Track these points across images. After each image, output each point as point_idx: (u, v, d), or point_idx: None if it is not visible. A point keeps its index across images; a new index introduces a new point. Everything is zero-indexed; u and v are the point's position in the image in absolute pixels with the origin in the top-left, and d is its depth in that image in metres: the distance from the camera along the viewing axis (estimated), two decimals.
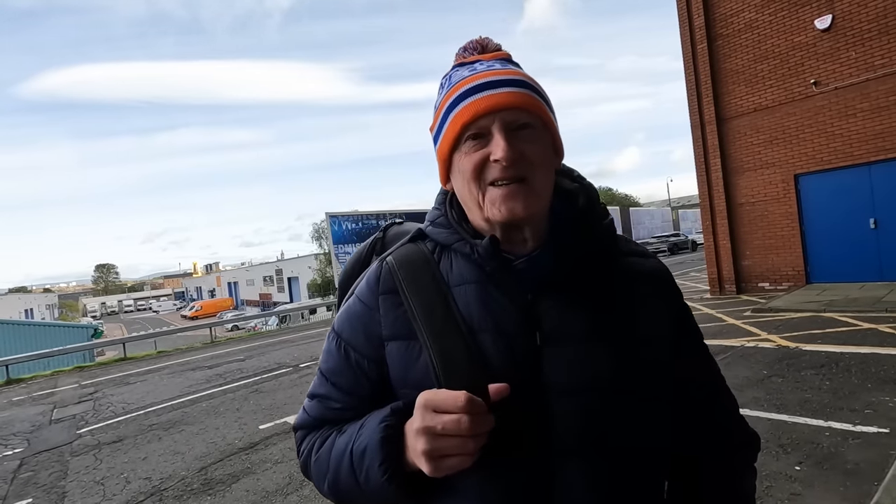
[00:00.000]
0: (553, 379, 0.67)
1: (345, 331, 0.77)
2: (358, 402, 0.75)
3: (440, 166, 0.75)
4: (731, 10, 10.70)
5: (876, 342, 5.78)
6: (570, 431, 0.66)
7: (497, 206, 0.67)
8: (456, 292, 0.72)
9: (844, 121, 9.29)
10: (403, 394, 0.70)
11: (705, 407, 0.79)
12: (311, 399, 0.80)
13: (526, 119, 0.68)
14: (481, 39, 0.77)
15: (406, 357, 0.71)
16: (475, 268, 0.72)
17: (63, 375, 12.18)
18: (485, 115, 0.67)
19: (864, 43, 8.94)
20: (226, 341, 16.19)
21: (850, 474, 3.06)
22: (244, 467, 4.47)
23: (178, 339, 20.68)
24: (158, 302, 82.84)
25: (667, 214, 51.40)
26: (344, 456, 0.70)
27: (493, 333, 0.68)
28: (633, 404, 0.68)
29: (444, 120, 0.71)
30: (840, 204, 9.53)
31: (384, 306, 0.74)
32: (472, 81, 0.69)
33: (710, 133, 11.06)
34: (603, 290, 0.72)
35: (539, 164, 0.68)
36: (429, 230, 0.79)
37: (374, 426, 0.67)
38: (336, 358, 0.77)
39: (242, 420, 6.02)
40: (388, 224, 0.98)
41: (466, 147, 0.69)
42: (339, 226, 20.99)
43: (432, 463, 0.60)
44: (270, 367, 9.60)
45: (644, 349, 0.71)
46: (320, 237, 35.61)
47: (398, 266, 0.75)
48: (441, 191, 0.81)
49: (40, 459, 5.50)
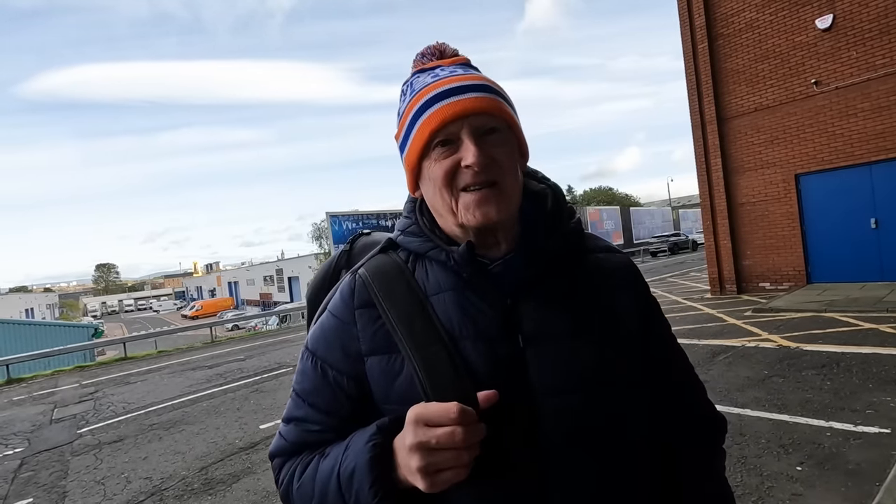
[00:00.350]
0: (539, 379, 0.67)
1: (320, 348, 0.75)
2: (338, 423, 0.72)
3: (408, 174, 0.74)
4: (731, 10, 10.68)
5: (877, 342, 5.77)
6: (560, 430, 0.66)
7: (471, 211, 0.67)
8: (434, 301, 0.71)
9: (845, 120, 9.28)
10: (387, 409, 0.69)
11: (676, 394, 0.81)
12: (288, 423, 0.76)
13: (493, 123, 0.68)
14: (438, 45, 0.77)
15: (388, 371, 0.69)
16: (451, 275, 0.72)
17: (63, 375, 12.19)
18: (453, 120, 0.66)
19: (865, 42, 8.93)
20: (226, 341, 16.19)
21: (852, 475, 3.06)
22: (245, 467, 4.47)
23: (178, 338, 20.69)
24: (159, 301, 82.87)
25: (667, 214, 51.37)
26: (330, 480, 0.67)
27: (474, 340, 0.68)
28: (617, 395, 0.70)
29: (411, 127, 0.70)
30: (841, 204, 9.52)
31: (361, 320, 0.72)
32: (438, 87, 0.68)
33: (710, 133, 11.05)
34: (577, 288, 0.73)
35: (508, 168, 0.69)
36: (400, 239, 0.77)
37: (360, 446, 0.65)
38: (312, 378, 0.74)
39: (243, 420, 6.02)
40: (356, 235, 0.96)
41: (436, 154, 0.68)
42: (339, 225, 21.00)
43: (428, 479, 0.59)
44: (271, 366, 9.61)
45: (620, 340, 0.72)
46: (320, 237, 35.63)
47: (372, 278, 0.74)
48: (409, 199, 0.80)
49: (41, 459, 5.50)
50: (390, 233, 0.84)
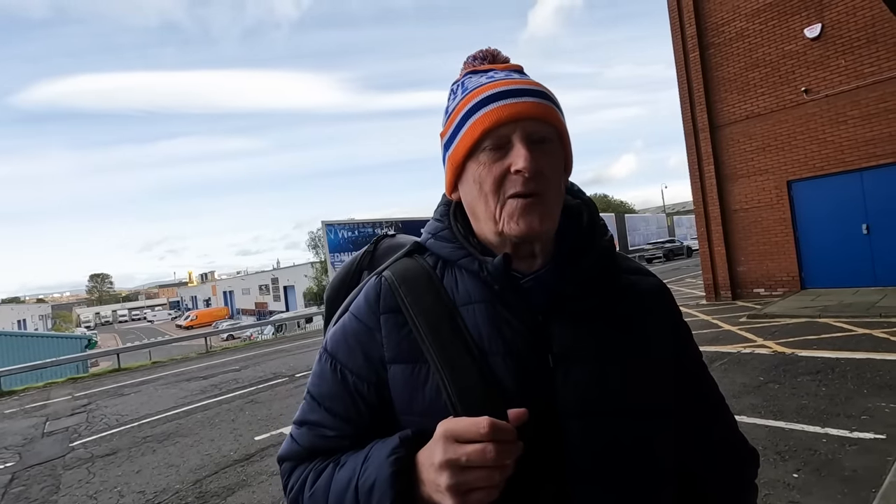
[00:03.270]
0: (567, 401, 0.65)
1: (340, 352, 0.71)
2: (354, 430, 0.69)
3: (450, 174, 0.72)
4: (722, 20, 10.84)
5: (871, 347, 5.80)
6: (587, 453, 0.64)
7: (515, 219, 0.65)
8: (463, 312, 0.68)
9: (835, 128, 9.40)
10: (407, 420, 0.66)
11: (706, 424, 0.78)
12: (300, 426, 0.73)
13: (546, 132, 0.67)
14: (491, 50, 0.76)
15: (412, 381, 0.66)
16: (483, 286, 0.69)
17: (56, 387, 12.05)
18: (507, 123, 0.64)
19: (854, 51, 9.08)
20: (221, 351, 16.08)
21: (848, 481, 3.06)
22: (239, 480, 4.42)
23: (172, 349, 20.52)
24: (153, 311, 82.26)
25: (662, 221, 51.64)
26: (347, 492, 0.63)
27: (504, 356, 0.65)
28: (646, 422, 0.67)
29: (462, 125, 0.68)
30: (833, 210, 9.61)
31: (386, 326, 0.69)
32: (494, 88, 0.66)
33: (703, 140, 11.15)
34: (609, 309, 0.71)
35: (554, 181, 0.67)
36: (430, 243, 0.74)
37: (381, 459, 0.61)
38: (330, 382, 0.71)
39: (238, 431, 5.97)
40: (380, 237, 0.94)
41: (484, 157, 0.66)
42: (335, 234, 20.98)
43: (458, 498, 0.55)
44: (266, 376, 9.54)
45: (652, 366, 0.70)
46: (316, 245, 35.58)
47: (399, 282, 0.71)
48: (443, 202, 0.77)
49: (32, 473, 5.42)
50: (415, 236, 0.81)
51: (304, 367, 10.10)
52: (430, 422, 0.60)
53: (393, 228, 22.62)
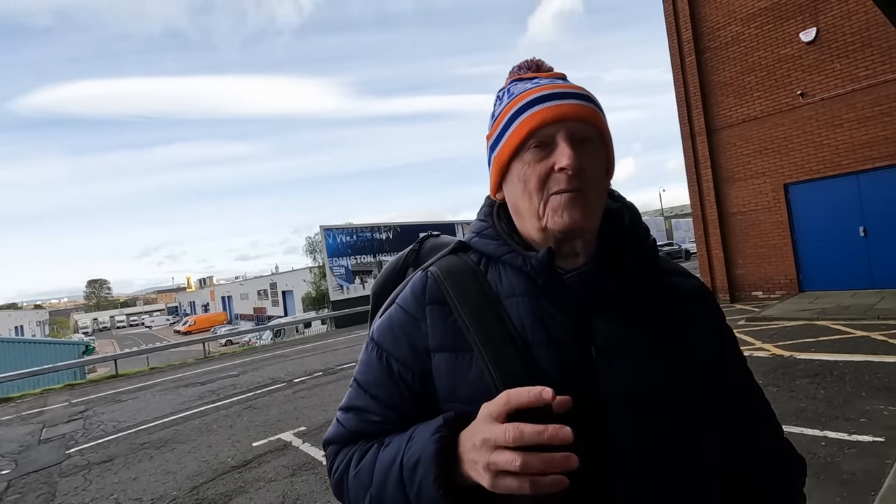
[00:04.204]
0: (610, 393, 0.66)
1: (386, 341, 0.75)
2: (398, 416, 0.72)
3: (495, 174, 0.75)
4: (717, 24, 10.91)
5: (869, 350, 5.81)
6: (628, 445, 0.65)
7: (559, 213, 0.67)
8: (507, 304, 0.71)
9: (831, 131, 9.45)
10: (450, 407, 0.68)
11: (752, 429, 0.78)
12: (347, 412, 0.77)
13: (589, 133, 0.69)
14: (535, 60, 0.79)
15: (455, 369, 0.69)
16: (526, 280, 0.71)
17: (53, 393, 11.99)
18: (552, 123, 0.67)
19: (849, 55, 9.13)
20: (219, 356, 16.02)
21: (847, 484, 3.06)
22: (237, 486, 4.39)
23: (170, 354, 20.44)
24: (151, 317, 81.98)
25: (660, 224, 51.77)
26: (391, 469, 0.66)
27: (547, 346, 0.67)
28: (688, 421, 0.68)
29: (508, 127, 0.71)
30: (830, 212, 9.64)
31: (431, 316, 0.72)
32: (540, 91, 0.69)
33: (700, 144, 11.20)
34: (653, 308, 0.72)
35: (596, 180, 0.69)
36: (474, 242, 0.78)
37: (426, 438, 0.64)
38: (376, 369, 0.74)
39: (235, 437, 5.94)
40: (425, 236, 0.97)
41: (529, 156, 0.69)
42: (333, 238, 21.02)
43: (492, 478, 0.57)
44: (264, 382, 9.50)
45: (694, 366, 0.70)
46: (314, 250, 35.49)
47: (444, 276, 0.74)
48: (486, 203, 0.81)
49: (28, 481, 5.38)
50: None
51: (302, 372, 10.06)
52: (473, 408, 0.62)
53: (391, 233, 22.64)
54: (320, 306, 30.68)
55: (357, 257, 21.24)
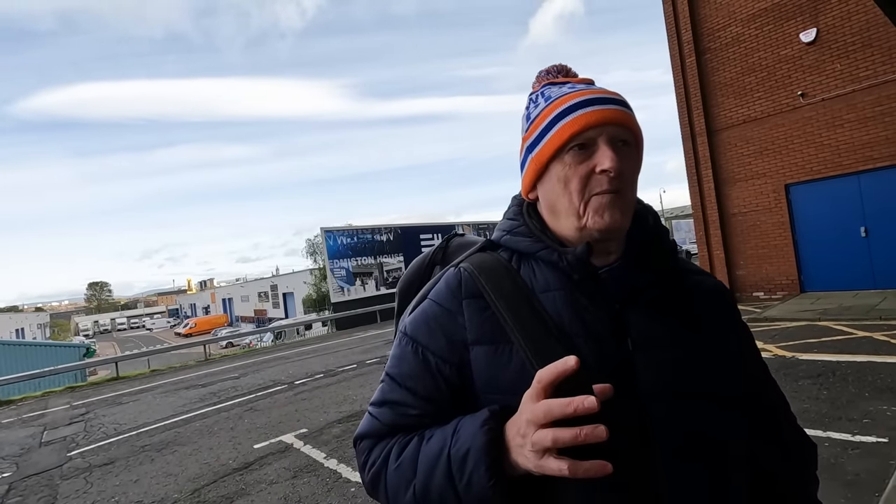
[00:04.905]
0: (649, 383, 0.68)
1: (421, 335, 0.76)
2: (435, 409, 0.73)
3: (532, 174, 0.76)
4: (717, 25, 10.91)
5: (871, 350, 5.79)
6: (670, 434, 0.67)
7: (600, 213, 0.69)
8: (543, 298, 0.72)
9: (832, 131, 9.44)
10: (490, 399, 0.69)
11: (770, 418, 0.82)
12: (381, 406, 0.77)
13: (627, 137, 0.71)
14: (562, 65, 0.82)
15: (495, 361, 0.70)
16: (562, 275, 0.73)
17: (54, 396, 11.98)
18: (594, 127, 0.69)
19: (849, 55, 9.13)
20: (220, 358, 16.00)
21: (851, 485, 3.05)
22: (238, 488, 4.38)
23: (171, 356, 20.43)
24: (152, 319, 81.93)
25: None
26: (439, 461, 0.66)
27: (585, 338, 0.69)
28: (720, 410, 0.71)
29: (549, 129, 0.72)
30: (831, 213, 9.63)
31: (469, 310, 0.73)
32: (581, 96, 0.72)
33: (701, 144, 11.20)
34: (680, 303, 0.75)
35: (632, 182, 0.73)
36: (505, 240, 0.80)
37: (474, 429, 0.64)
38: (412, 363, 0.75)
39: (237, 439, 5.93)
40: (451, 235, 1.00)
41: (569, 157, 0.71)
42: (334, 240, 21.00)
43: (536, 457, 0.58)
44: (265, 384, 9.49)
45: (721, 358, 0.74)
46: (314, 252, 35.46)
47: (479, 271, 0.76)
48: (515, 203, 0.83)
49: (29, 484, 5.37)
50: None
51: (303, 374, 10.05)
52: (515, 399, 0.63)
53: (392, 234, 22.64)
54: (321, 308, 30.67)
55: (358, 259, 21.22)
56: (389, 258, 21.93)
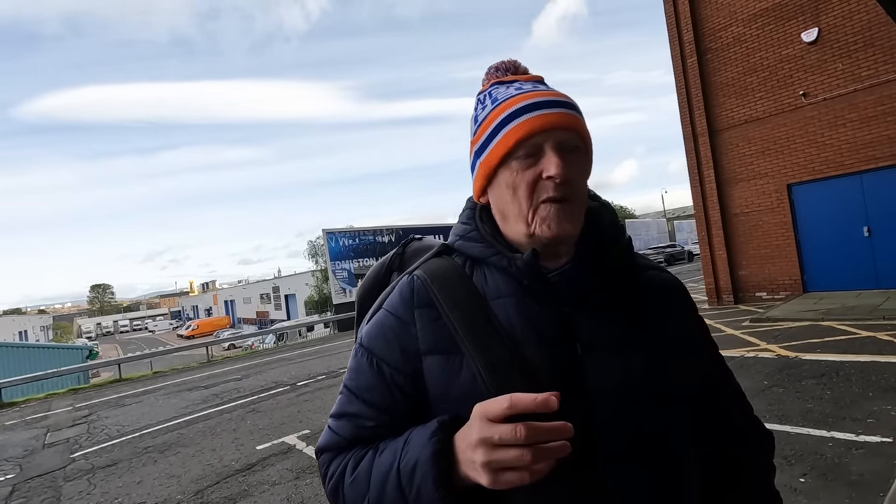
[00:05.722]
0: (597, 386, 0.68)
1: (376, 346, 0.75)
2: (392, 420, 0.72)
3: (480, 179, 0.75)
4: (719, 25, 10.90)
5: (875, 350, 5.77)
6: (617, 437, 0.67)
7: (548, 223, 0.69)
8: (494, 305, 0.72)
9: (834, 131, 9.42)
10: (443, 409, 0.68)
11: (725, 410, 0.82)
12: (339, 418, 0.76)
13: (575, 142, 0.70)
14: (511, 61, 0.79)
15: (447, 371, 0.70)
16: (512, 281, 0.73)
17: (57, 398, 12.01)
18: (540, 132, 0.68)
19: (851, 55, 9.11)
20: (222, 360, 16.01)
21: (855, 485, 3.03)
22: (241, 490, 4.39)
23: (174, 358, 20.47)
24: (154, 321, 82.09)
25: (662, 225, 51.64)
26: (389, 474, 0.66)
27: (536, 344, 0.69)
28: (669, 408, 0.71)
29: (494, 134, 0.71)
30: (833, 213, 9.60)
31: (421, 320, 0.73)
32: (527, 99, 0.70)
33: (702, 144, 11.18)
34: (631, 302, 0.75)
35: (581, 188, 0.72)
36: (459, 245, 0.79)
37: (423, 441, 0.64)
38: (367, 374, 0.75)
39: (239, 441, 5.93)
40: (408, 240, 0.97)
41: (517, 164, 0.70)
42: (335, 242, 21.02)
43: (492, 476, 0.58)
44: (268, 385, 9.50)
45: (671, 355, 0.73)
46: (316, 254, 35.50)
47: (431, 279, 0.75)
48: (469, 206, 0.82)
49: (33, 485, 5.38)
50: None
51: (305, 375, 10.06)
52: (466, 408, 0.63)
53: (393, 236, 22.64)
54: (323, 310, 30.69)
55: (359, 260, 21.24)
56: None
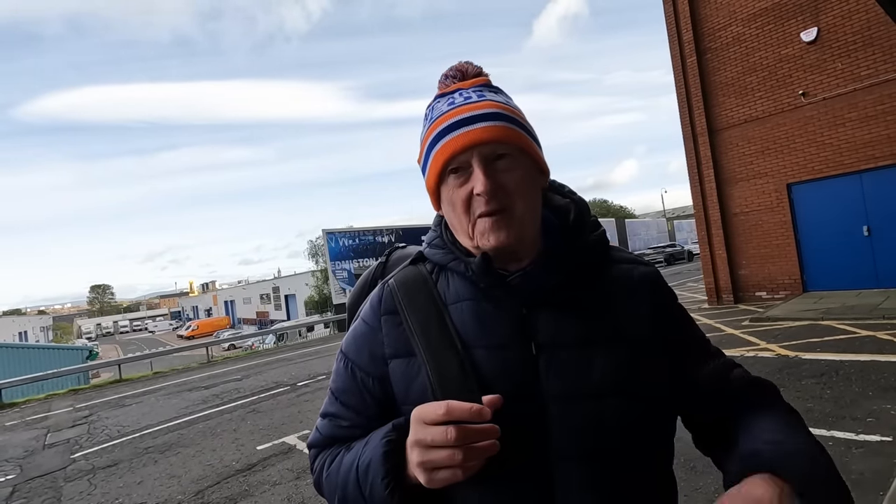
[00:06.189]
0: (550, 386, 0.69)
1: (351, 351, 0.80)
2: (365, 421, 0.76)
3: (430, 195, 0.78)
4: (718, 25, 10.91)
5: (875, 349, 5.77)
6: (569, 436, 0.67)
7: (486, 236, 0.70)
8: (452, 310, 0.74)
9: (834, 130, 9.42)
10: (405, 410, 0.71)
11: (724, 382, 0.77)
12: (323, 418, 0.82)
13: (502, 150, 0.70)
14: (461, 66, 0.78)
15: (406, 374, 0.73)
16: (470, 285, 0.75)
17: (57, 399, 12.01)
18: (462, 151, 0.69)
19: (850, 54, 9.12)
20: (222, 361, 16.01)
21: (855, 485, 3.03)
22: (242, 490, 4.39)
23: (174, 359, 20.47)
24: (154, 322, 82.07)
25: (662, 225, 51.66)
26: (350, 471, 0.71)
27: (488, 347, 0.71)
28: (628, 406, 0.69)
29: (427, 156, 0.74)
30: (833, 212, 9.61)
31: (386, 326, 0.76)
32: (449, 119, 0.71)
33: (702, 144, 11.18)
34: (595, 298, 0.74)
35: (518, 191, 0.70)
36: (426, 252, 0.82)
37: (377, 441, 0.69)
38: (344, 377, 0.80)
39: (240, 441, 5.94)
40: (391, 249, 1.01)
41: (451, 180, 0.72)
42: (335, 242, 21.02)
43: (426, 475, 0.61)
44: (268, 386, 9.50)
45: (638, 351, 0.72)
46: (316, 254, 35.50)
47: (398, 287, 0.79)
48: (438, 214, 0.83)
49: (33, 486, 5.39)
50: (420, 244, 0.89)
51: (305, 375, 10.06)
52: None
53: (393, 236, 22.63)
54: (323, 310, 30.69)
55: (359, 260, 21.24)
56: None
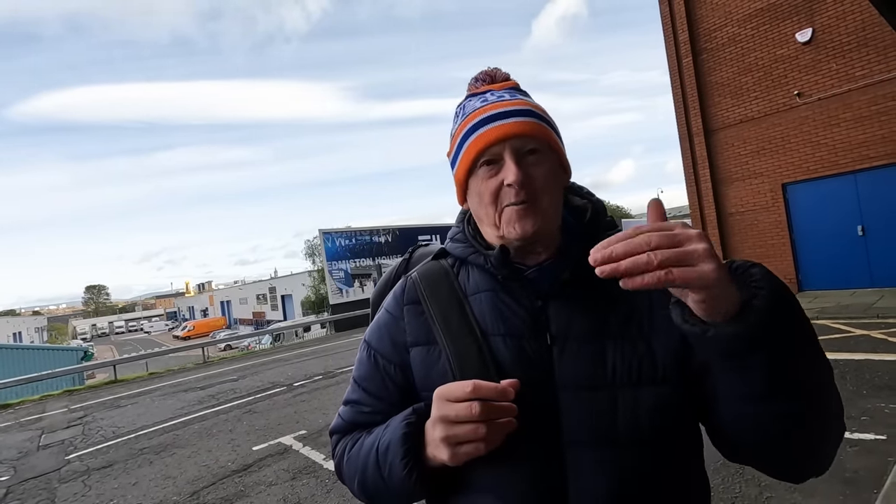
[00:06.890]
0: (563, 376, 0.72)
1: (374, 340, 0.85)
2: (386, 407, 0.81)
3: (457, 188, 0.81)
4: (714, 25, 10.95)
5: (869, 348, 5.81)
6: (580, 424, 0.70)
7: (512, 224, 0.73)
8: (472, 300, 0.79)
9: (829, 130, 9.47)
10: (425, 396, 0.75)
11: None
12: (346, 405, 0.87)
13: (533, 145, 0.74)
14: (490, 70, 0.83)
15: (427, 361, 0.77)
16: (489, 277, 0.79)
17: (52, 400, 11.93)
18: (496, 143, 0.73)
19: (845, 55, 9.17)
20: (219, 361, 15.95)
21: (850, 483, 3.05)
22: (237, 490, 4.38)
23: (170, 359, 20.38)
24: (150, 322, 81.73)
25: None
26: (370, 454, 0.75)
27: (505, 336, 0.74)
28: (640, 395, 0.70)
29: (460, 148, 0.77)
30: (828, 212, 9.66)
31: (408, 315, 0.82)
32: (484, 113, 0.75)
33: (698, 144, 11.22)
34: (607, 293, 0.74)
35: (545, 186, 0.74)
36: (448, 246, 0.86)
37: (396, 424, 0.73)
38: (366, 365, 0.84)
39: (235, 442, 5.92)
40: (415, 247, 1.07)
41: (482, 172, 0.75)
42: (332, 242, 20.98)
43: (450, 449, 0.65)
44: (264, 386, 9.47)
45: (650, 344, 0.72)
46: (313, 254, 35.39)
47: (420, 279, 0.84)
48: (461, 210, 0.88)
49: (27, 487, 5.35)
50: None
51: (301, 376, 10.03)
52: None
53: (390, 236, 22.61)
54: (319, 310, 30.62)
55: (356, 261, 21.21)
56: (388, 259, 21.88)
